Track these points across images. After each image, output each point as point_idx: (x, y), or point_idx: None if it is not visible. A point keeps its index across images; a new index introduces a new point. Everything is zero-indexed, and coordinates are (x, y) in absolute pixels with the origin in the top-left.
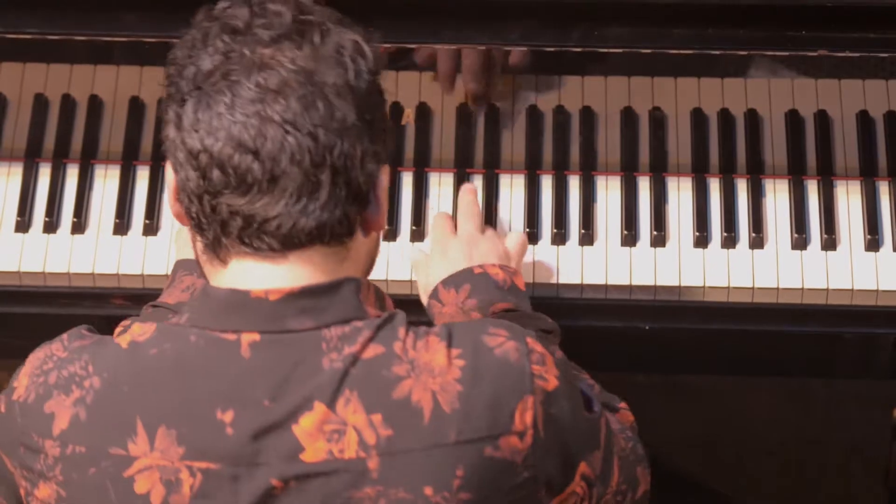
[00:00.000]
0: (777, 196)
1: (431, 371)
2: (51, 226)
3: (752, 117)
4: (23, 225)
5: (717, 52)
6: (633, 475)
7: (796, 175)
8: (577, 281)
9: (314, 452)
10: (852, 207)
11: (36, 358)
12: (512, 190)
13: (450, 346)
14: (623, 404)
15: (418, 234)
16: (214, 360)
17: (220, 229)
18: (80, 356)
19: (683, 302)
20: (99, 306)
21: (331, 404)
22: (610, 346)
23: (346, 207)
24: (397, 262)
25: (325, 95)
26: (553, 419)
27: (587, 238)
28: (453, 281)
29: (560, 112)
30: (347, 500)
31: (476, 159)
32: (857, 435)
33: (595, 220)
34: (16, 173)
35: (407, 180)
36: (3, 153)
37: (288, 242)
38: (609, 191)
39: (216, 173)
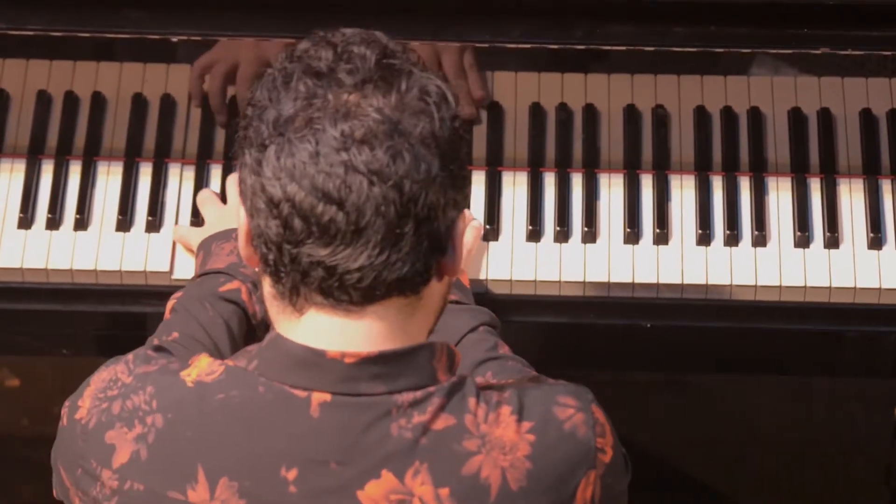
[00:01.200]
0: (780, 194)
1: (503, 447)
2: (53, 222)
3: (755, 115)
4: (25, 221)
5: (720, 50)
6: None
7: (799, 173)
8: (579, 279)
9: None
10: (855, 205)
11: (100, 379)
12: (515, 187)
13: (520, 419)
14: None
15: None
16: (282, 415)
17: (299, 279)
18: (144, 385)
19: (686, 300)
20: (102, 303)
21: (399, 475)
22: (612, 344)
23: (427, 258)
24: None
25: (412, 146)
26: (608, 489)
27: (590, 236)
28: None
29: (563, 109)
30: None
31: (478, 156)
32: (860, 433)
33: (598, 217)
34: (19, 170)
35: None
36: (6, 150)
37: (369, 295)
38: (612, 188)
39: (298, 223)
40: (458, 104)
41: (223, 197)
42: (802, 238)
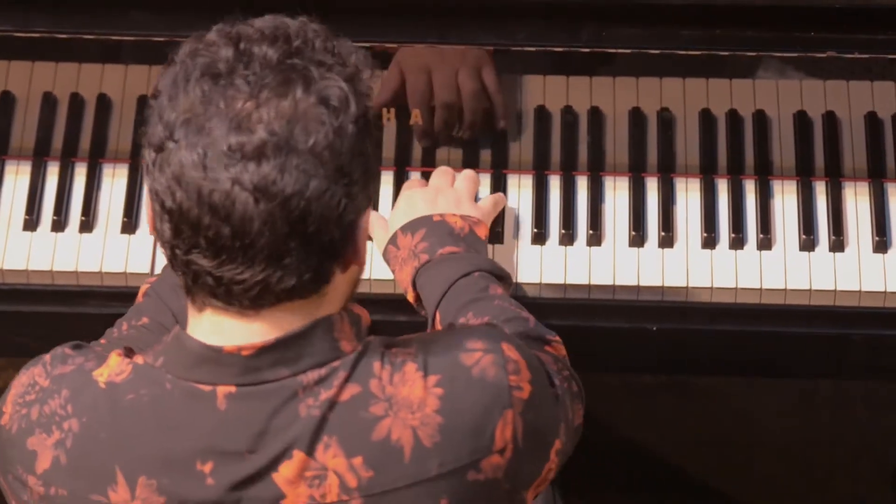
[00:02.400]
0: (785, 197)
1: (410, 406)
2: (59, 224)
3: (761, 118)
4: (31, 223)
5: (726, 53)
6: (574, 412)
7: (804, 176)
8: (584, 282)
9: (295, 498)
10: (860, 209)
11: (20, 384)
12: (520, 190)
13: (426, 374)
14: (557, 337)
15: None
16: (191, 410)
17: (191, 282)
18: (59, 389)
19: (691, 303)
20: (106, 305)
21: (310, 451)
22: (617, 347)
23: (319, 267)
24: None
25: (302, 162)
26: (529, 425)
27: (595, 239)
28: (411, 226)
29: (568, 112)
30: None
31: (484, 159)
32: (866, 436)
33: (603, 220)
34: (24, 172)
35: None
36: (11, 152)
37: (258, 303)
38: (617, 191)
39: (188, 232)
40: (368, 99)
41: None
42: (808, 241)
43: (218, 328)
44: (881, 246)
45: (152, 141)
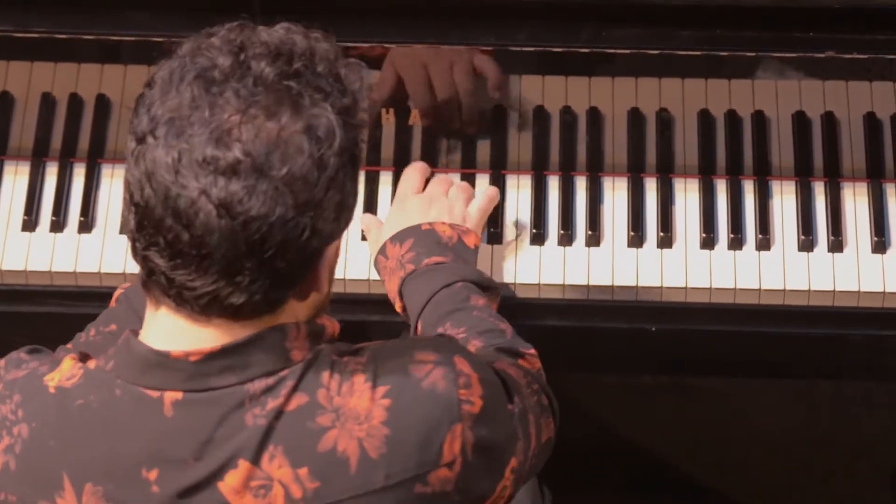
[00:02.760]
0: (784, 198)
1: (357, 417)
2: (57, 225)
3: (760, 119)
4: (30, 224)
5: (725, 54)
6: (540, 427)
7: (803, 177)
8: (583, 282)
9: None
10: (859, 209)
11: None
12: (518, 191)
13: (375, 385)
14: (532, 350)
15: None
16: (138, 417)
17: (146, 277)
18: (11, 394)
19: (690, 303)
20: (105, 305)
21: (255, 461)
22: (616, 348)
23: (271, 293)
24: None
25: (272, 188)
26: (481, 440)
27: (594, 239)
28: (399, 236)
29: (567, 113)
30: None
31: (482, 160)
32: (865, 436)
33: (602, 221)
34: (23, 172)
35: None
36: (10, 152)
37: (208, 312)
38: (616, 192)
39: (150, 229)
40: (359, 132)
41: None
42: (806, 242)
43: (170, 329)
44: (880, 246)
45: (136, 131)
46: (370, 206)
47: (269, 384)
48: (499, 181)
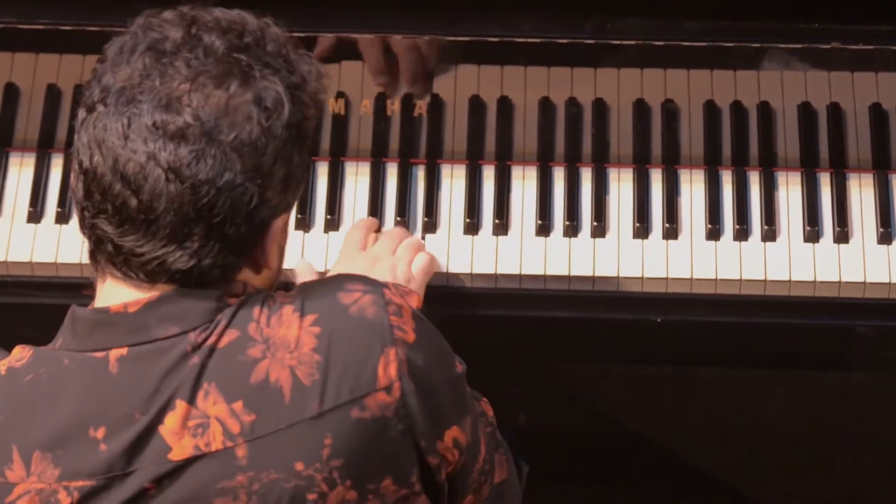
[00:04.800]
0: (789, 188)
1: (287, 346)
2: (63, 216)
3: (765, 110)
4: (35, 215)
5: (730, 45)
6: (492, 458)
7: (809, 168)
8: (588, 273)
9: (181, 450)
10: (865, 200)
11: None
12: (524, 182)
13: (303, 314)
14: (483, 398)
15: (430, 226)
16: (85, 380)
17: (94, 245)
18: None
19: (695, 294)
20: None
21: (191, 400)
22: (621, 339)
23: (220, 258)
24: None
25: (222, 152)
26: (419, 369)
27: (599, 230)
28: None
29: (572, 104)
30: (220, 491)
31: (488, 151)
32: (871, 428)
33: (607, 212)
34: (28, 164)
35: (420, 173)
36: (15, 144)
37: (154, 277)
38: (621, 183)
39: (97, 196)
40: (308, 110)
41: None
42: (812, 233)
43: (114, 296)
44: (886, 237)
45: (86, 101)
46: (375, 198)
47: (207, 328)
48: (504, 172)
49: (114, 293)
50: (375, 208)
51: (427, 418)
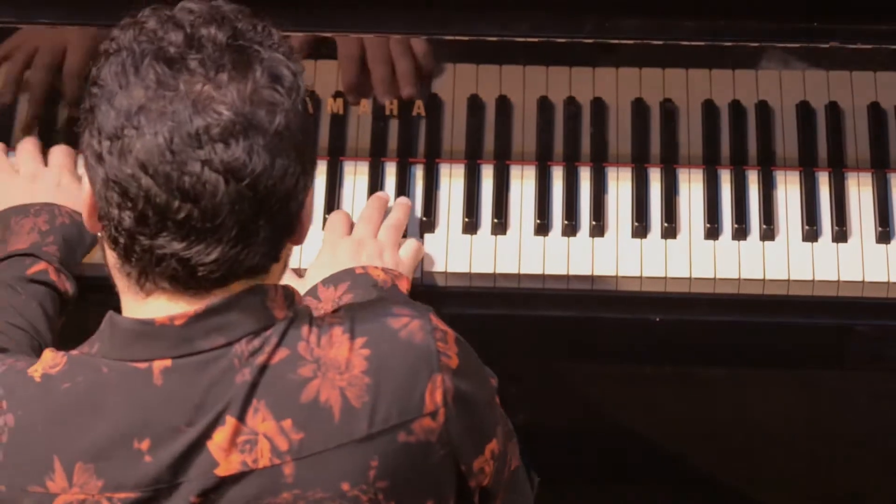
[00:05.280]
0: (788, 188)
1: (338, 367)
2: None
3: (763, 109)
4: None
5: (729, 44)
6: (506, 449)
7: (807, 167)
8: (587, 272)
9: (228, 465)
10: (863, 199)
11: None
12: (522, 181)
13: (353, 336)
14: (493, 377)
15: (429, 225)
16: (127, 390)
17: (151, 266)
18: None
19: (694, 294)
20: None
21: (241, 416)
22: (620, 338)
23: (279, 243)
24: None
25: (268, 143)
26: (462, 395)
27: (597, 229)
28: (333, 279)
29: (571, 103)
30: None
31: (487, 150)
32: (869, 427)
33: (606, 211)
34: None
35: (418, 172)
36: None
37: (219, 283)
38: (620, 182)
39: (154, 217)
40: (303, 78)
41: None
42: (811, 232)
43: (163, 309)
44: (884, 236)
45: (104, 129)
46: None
47: (256, 346)
48: (503, 171)
49: (162, 307)
50: None
51: (469, 441)
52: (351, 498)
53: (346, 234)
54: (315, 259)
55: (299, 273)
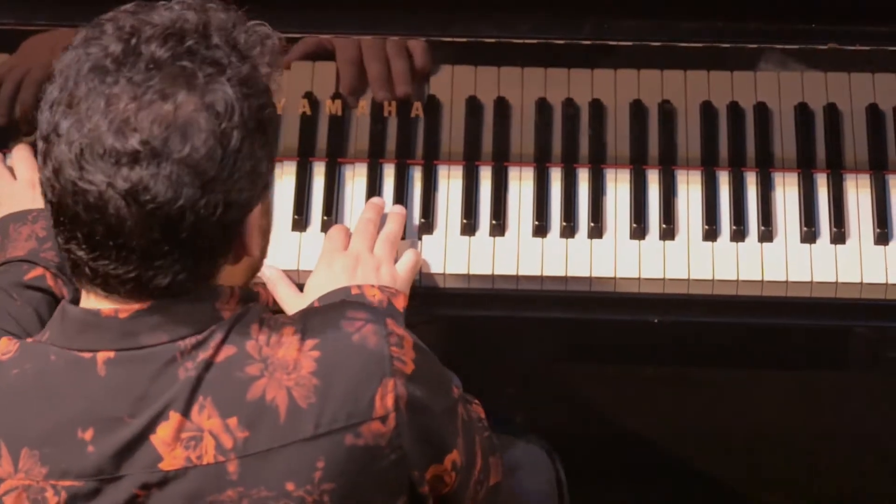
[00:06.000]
0: (786, 189)
1: (286, 367)
2: None
3: (762, 110)
4: None
5: (727, 46)
6: (487, 465)
7: (805, 168)
8: (585, 274)
9: (172, 460)
10: (861, 201)
11: None
12: (521, 183)
13: (304, 337)
14: (476, 400)
15: (427, 227)
16: (73, 379)
17: (72, 268)
18: None
19: (692, 295)
20: None
21: (185, 412)
22: (619, 340)
23: (195, 267)
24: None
25: (176, 170)
26: (416, 401)
27: (596, 231)
28: (328, 298)
29: (569, 105)
30: None
31: (485, 152)
32: (868, 428)
33: (604, 213)
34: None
35: (416, 174)
36: (12, 146)
37: (135, 295)
38: (618, 184)
39: (66, 223)
40: (263, 97)
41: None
42: (809, 233)
43: (101, 304)
44: (882, 238)
45: (40, 130)
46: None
47: (199, 339)
48: (501, 173)
49: (101, 302)
50: None
51: (421, 450)
52: (296, 498)
53: (343, 249)
54: (312, 275)
55: (300, 287)
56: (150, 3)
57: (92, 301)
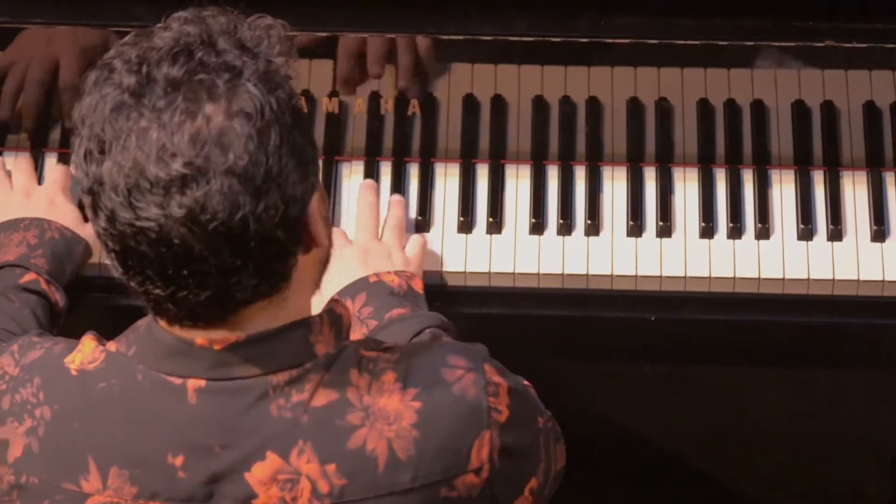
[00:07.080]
0: (783, 186)
1: (387, 418)
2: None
3: (759, 108)
4: None
5: (724, 43)
6: (557, 464)
7: (802, 165)
8: (582, 271)
9: (266, 499)
10: (858, 198)
11: None
12: (518, 180)
13: (405, 386)
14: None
15: (424, 224)
16: (161, 402)
17: (153, 307)
18: (31, 377)
19: (689, 293)
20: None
21: (284, 455)
22: (615, 337)
23: (272, 269)
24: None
25: (225, 182)
26: (507, 449)
27: (593, 229)
28: (349, 291)
29: (566, 102)
30: None
31: (482, 149)
32: (865, 427)
33: (601, 210)
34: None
35: (413, 171)
36: (9, 143)
37: (222, 315)
38: (615, 181)
39: (135, 266)
40: (286, 86)
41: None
42: (806, 231)
43: (186, 331)
44: (879, 235)
45: (82, 186)
46: None
47: (293, 376)
48: (498, 170)
49: (188, 332)
50: None
51: (507, 490)
52: None
53: (347, 242)
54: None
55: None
56: (148, 30)
57: (177, 329)
